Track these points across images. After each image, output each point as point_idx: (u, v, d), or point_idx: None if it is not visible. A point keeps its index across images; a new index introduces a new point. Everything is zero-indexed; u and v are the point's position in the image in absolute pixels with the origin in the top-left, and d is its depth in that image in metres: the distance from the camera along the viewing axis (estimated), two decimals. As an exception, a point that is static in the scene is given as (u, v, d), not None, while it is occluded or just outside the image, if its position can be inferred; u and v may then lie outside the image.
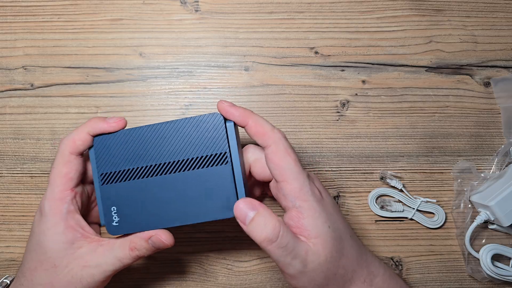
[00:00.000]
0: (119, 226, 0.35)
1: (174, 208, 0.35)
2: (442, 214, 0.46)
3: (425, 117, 0.47)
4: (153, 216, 0.35)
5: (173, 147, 0.35)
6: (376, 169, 0.46)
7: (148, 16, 0.47)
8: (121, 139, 0.35)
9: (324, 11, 0.48)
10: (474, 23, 0.48)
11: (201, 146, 0.35)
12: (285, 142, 0.34)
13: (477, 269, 0.44)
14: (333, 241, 0.33)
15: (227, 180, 0.34)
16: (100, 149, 0.35)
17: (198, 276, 0.45)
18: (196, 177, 0.35)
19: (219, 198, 0.34)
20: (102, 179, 0.35)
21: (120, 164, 0.35)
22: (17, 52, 0.46)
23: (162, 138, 0.35)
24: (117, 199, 0.35)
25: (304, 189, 0.33)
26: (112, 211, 0.35)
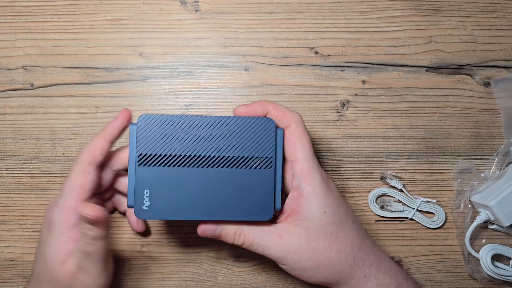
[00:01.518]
0: (149, 210, 0.34)
1: (209, 202, 0.34)
2: (442, 214, 0.46)
3: (425, 117, 0.47)
4: (185, 207, 0.34)
5: (218, 142, 0.34)
6: (376, 169, 0.46)
7: (148, 16, 0.47)
8: (167, 122, 0.34)
9: (324, 11, 0.48)
10: (474, 23, 0.48)
11: (248, 147, 0.35)
12: (303, 124, 0.36)
13: (477, 269, 0.44)
14: (324, 225, 0.34)
15: (268, 184, 0.35)
16: (143, 127, 0.34)
17: (198, 276, 0.45)
18: (238, 175, 0.34)
19: (257, 200, 0.34)
20: (140, 159, 0.34)
21: (161, 147, 0.34)
22: (17, 52, 0.46)
23: (209, 131, 0.34)
24: (152, 183, 0.34)
25: (312, 172, 0.35)
26: (144, 194, 0.34)
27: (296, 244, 0.34)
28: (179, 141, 0.34)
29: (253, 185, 0.34)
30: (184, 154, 0.34)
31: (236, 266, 0.45)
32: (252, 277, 0.45)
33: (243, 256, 0.45)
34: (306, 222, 0.34)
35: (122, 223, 0.45)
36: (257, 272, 0.45)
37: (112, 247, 0.45)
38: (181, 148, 0.34)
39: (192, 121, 0.34)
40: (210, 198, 0.34)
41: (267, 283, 0.45)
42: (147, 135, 0.34)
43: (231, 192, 0.34)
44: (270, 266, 0.45)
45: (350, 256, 0.35)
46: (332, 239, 0.35)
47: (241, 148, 0.34)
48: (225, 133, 0.34)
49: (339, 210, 0.35)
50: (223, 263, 0.45)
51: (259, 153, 0.35)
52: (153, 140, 0.34)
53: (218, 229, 0.35)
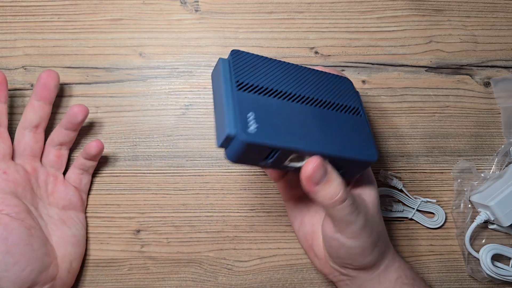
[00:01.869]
0: (257, 133, 0.28)
1: (315, 135, 0.31)
2: (442, 214, 0.46)
3: (425, 117, 0.47)
4: (294, 135, 0.30)
5: (310, 85, 0.34)
6: (376, 169, 0.46)
7: (148, 16, 0.47)
8: (259, 61, 0.33)
9: (324, 11, 0.48)
10: (474, 23, 0.48)
11: (337, 95, 0.35)
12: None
13: (477, 269, 0.44)
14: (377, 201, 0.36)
15: (363, 129, 0.34)
16: (236, 60, 0.32)
17: (198, 276, 0.45)
18: (335, 116, 0.33)
19: (359, 143, 0.32)
20: (238, 85, 0.30)
21: (258, 79, 0.32)
22: (17, 52, 0.46)
23: (300, 75, 0.34)
24: (256, 107, 0.30)
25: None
26: (248, 117, 0.29)
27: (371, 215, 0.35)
28: (273, 77, 0.33)
29: (351, 128, 0.33)
30: (280, 89, 0.32)
31: (236, 266, 0.45)
32: (252, 277, 0.45)
33: (243, 256, 0.45)
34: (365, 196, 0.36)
35: (122, 223, 0.45)
36: (257, 272, 0.45)
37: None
38: (277, 83, 0.32)
39: (281, 65, 0.34)
40: (315, 132, 0.31)
41: (267, 283, 0.45)
42: (241, 67, 0.32)
43: (332, 130, 0.32)
44: (270, 266, 0.45)
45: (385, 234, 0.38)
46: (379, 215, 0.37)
47: (332, 95, 0.34)
48: (313, 80, 0.34)
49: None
50: (223, 263, 0.45)
51: (347, 102, 0.35)
52: (248, 72, 0.32)
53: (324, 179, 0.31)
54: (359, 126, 0.34)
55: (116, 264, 0.44)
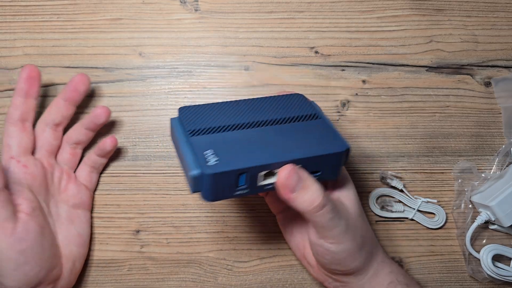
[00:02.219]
0: (218, 164, 0.29)
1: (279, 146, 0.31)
2: (442, 214, 0.46)
3: (426, 117, 0.47)
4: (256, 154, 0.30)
5: (262, 111, 0.34)
6: (376, 169, 0.46)
7: (147, 15, 0.47)
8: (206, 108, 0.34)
9: (324, 11, 0.48)
10: (474, 22, 0.48)
11: (290, 111, 0.35)
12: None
13: (477, 270, 0.44)
14: (357, 203, 0.37)
15: (325, 127, 0.34)
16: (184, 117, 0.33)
17: (198, 276, 0.45)
18: (293, 126, 0.34)
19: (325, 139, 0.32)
20: (191, 132, 0.32)
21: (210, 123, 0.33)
22: (16, 52, 0.46)
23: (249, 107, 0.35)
24: (211, 144, 0.31)
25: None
26: (206, 155, 0.30)
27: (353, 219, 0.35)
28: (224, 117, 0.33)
29: (313, 130, 0.33)
30: (232, 123, 0.33)
31: (236, 266, 0.45)
32: (252, 277, 0.45)
33: (243, 256, 0.45)
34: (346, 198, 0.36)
35: (121, 224, 0.45)
36: (257, 272, 0.45)
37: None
38: (228, 120, 0.33)
39: (230, 104, 0.35)
40: (279, 145, 0.31)
41: (267, 283, 0.45)
42: (191, 119, 0.33)
43: (296, 138, 0.32)
44: (270, 266, 0.45)
45: (372, 236, 0.38)
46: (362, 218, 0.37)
47: (283, 112, 0.35)
48: (264, 106, 0.35)
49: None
50: (223, 263, 0.45)
51: (302, 112, 0.35)
52: (199, 120, 0.33)
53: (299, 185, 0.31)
54: (321, 126, 0.34)
55: (115, 265, 0.44)
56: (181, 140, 0.32)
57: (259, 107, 0.35)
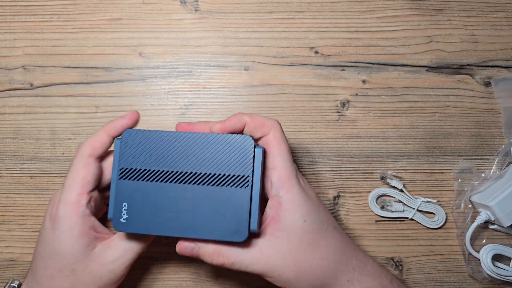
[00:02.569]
0: (126, 223, 0.34)
1: (185, 218, 0.34)
2: (442, 214, 0.46)
3: (426, 117, 0.47)
4: (162, 222, 0.34)
5: (197, 159, 0.34)
6: (376, 169, 0.46)
7: (147, 15, 0.47)
8: (149, 138, 0.35)
9: (324, 11, 0.48)
10: (474, 22, 0.48)
11: (226, 164, 0.34)
12: (282, 132, 0.35)
13: (477, 269, 0.44)
14: (305, 234, 0.34)
15: (243, 204, 0.34)
16: (126, 142, 0.35)
17: (198, 276, 0.45)
18: (215, 193, 0.34)
19: (232, 220, 0.34)
20: (121, 173, 0.35)
21: (142, 162, 0.35)
22: (16, 52, 0.46)
23: (189, 148, 0.35)
24: (131, 196, 0.35)
25: (290, 180, 0.34)
26: (122, 207, 0.34)
27: (279, 257, 0.34)
28: (159, 157, 0.35)
29: (228, 204, 0.34)
30: (162, 169, 0.35)
31: (236, 266, 0.45)
32: (252, 277, 0.45)
33: (243, 256, 0.45)
34: (287, 232, 0.34)
35: (121, 223, 0.45)
36: (257, 272, 0.45)
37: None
38: (161, 164, 0.35)
39: (173, 138, 0.35)
40: (186, 215, 0.34)
41: (267, 283, 0.45)
42: (129, 149, 0.35)
43: (207, 210, 0.34)
44: (270, 266, 0.45)
45: (332, 262, 0.35)
46: (314, 246, 0.34)
47: (218, 165, 0.34)
48: (204, 150, 0.35)
49: (318, 217, 0.35)
50: (223, 263, 0.45)
51: (236, 171, 0.34)
52: (135, 154, 0.35)
53: (195, 249, 0.35)
54: (239, 200, 0.34)
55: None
56: (114, 175, 0.35)
57: (199, 151, 0.35)
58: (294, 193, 0.34)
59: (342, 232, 0.37)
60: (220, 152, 0.34)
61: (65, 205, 0.35)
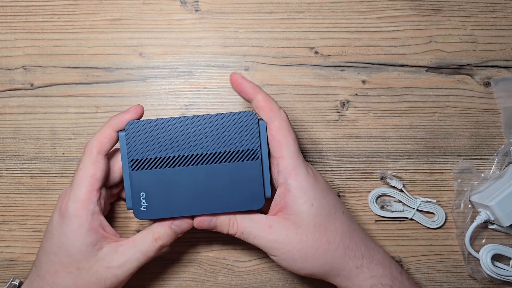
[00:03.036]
0: (147, 211, 0.36)
1: (203, 197, 0.36)
2: (442, 214, 0.46)
3: (425, 117, 0.47)
4: (181, 204, 0.36)
5: (205, 140, 0.36)
6: (376, 169, 0.46)
7: (148, 16, 0.47)
8: (153, 126, 0.36)
9: (324, 11, 0.48)
10: (474, 23, 0.48)
11: (233, 141, 0.36)
12: (289, 122, 0.36)
13: (477, 269, 0.44)
14: (312, 218, 0.35)
15: (256, 175, 0.36)
16: (131, 134, 0.36)
17: (198, 276, 0.45)
18: (227, 169, 0.36)
19: (247, 191, 0.36)
20: (132, 165, 0.36)
21: (151, 151, 0.36)
22: (17, 52, 0.46)
23: (195, 130, 0.36)
24: (146, 185, 0.36)
25: (297, 167, 0.35)
26: (140, 197, 0.36)
27: (285, 235, 0.35)
28: (167, 143, 0.36)
29: (242, 177, 0.36)
30: (173, 155, 0.36)
31: (236, 266, 0.45)
32: (252, 277, 0.45)
33: (243, 256, 0.45)
34: (294, 216, 0.35)
35: (122, 223, 0.45)
36: (257, 272, 0.45)
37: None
38: (170, 150, 0.36)
39: (176, 123, 0.36)
40: (203, 194, 0.36)
41: (267, 283, 0.45)
42: (136, 141, 0.36)
43: (222, 186, 0.36)
44: (270, 266, 0.45)
45: (340, 246, 0.35)
46: (321, 230, 0.35)
47: (226, 143, 0.36)
48: (209, 131, 0.36)
49: (326, 202, 0.36)
50: (223, 263, 0.45)
51: (244, 146, 0.36)
52: (142, 145, 0.36)
53: (213, 220, 0.37)
54: (252, 172, 0.36)
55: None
56: (125, 167, 0.36)
57: (205, 132, 0.36)
58: (301, 179, 0.35)
59: (352, 218, 0.37)
60: (227, 130, 0.36)
61: (75, 202, 0.35)
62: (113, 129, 0.36)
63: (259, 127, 0.36)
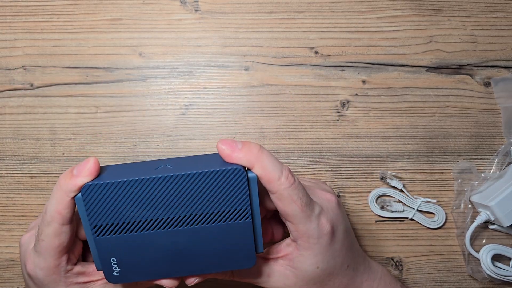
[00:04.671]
0: (120, 276, 0.31)
1: (184, 260, 0.31)
2: (442, 214, 0.46)
3: (425, 117, 0.47)
4: (159, 267, 0.31)
5: (184, 201, 0.30)
6: (376, 169, 0.46)
7: (147, 16, 0.47)
8: (116, 189, 0.29)
9: (324, 11, 0.48)
10: (474, 23, 0.48)
11: (219, 201, 0.30)
12: (291, 192, 0.32)
13: (477, 269, 0.44)
14: (314, 277, 0.34)
15: (247, 236, 0.31)
16: (90, 198, 0.29)
17: (198, 276, 0.45)
18: (211, 231, 0.31)
19: (237, 251, 0.31)
20: (96, 231, 0.30)
21: (117, 216, 0.29)
22: (16, 52, 0.46)
23: (170, 191, 0.29)
24: (117, 251, 0.30)
25: (308, 232, 0.33)
26: (111, 262, 0.31)
27: (283, 283, 0.35)
28: (135, 207, 0.29)
29: (230, 238, 0.31)
30: (144, 219, 0.30)
31: (236, 266, 0.45)
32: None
33: (243, 256, 0.45)
34: (296, 271, 0.34)
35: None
36: (257, 272, 0.45)
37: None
38: (140, 213, 0.29)
39: (144, 184, 0.29)
40: (186, 256, 0.31)
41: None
42: (96, 205, 0.29)
43: (207, 248, 0.31)
44: (270, 266, 0.45)
45: None
46: (319, 285, 0.35)
47: (210, 204, 0.30)
48: (187, 191, 0.29)
49: (334, 263, 0.34)
50: (223, 263, 0.45)
51: (231, 207, 0.30)
52: (105, 209, 0.29)
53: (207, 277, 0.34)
54: (241, 232, 0.31)
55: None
56: (88, 233, 0.31)
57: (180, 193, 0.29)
58: (312, 243, 0.33)
59: (355, 267, 0.36)
60: (209, 190, 0.30)
61: (42, 271, 0.32)
62: (68, 196, 0.30)
63: (248, 183, 0.30)
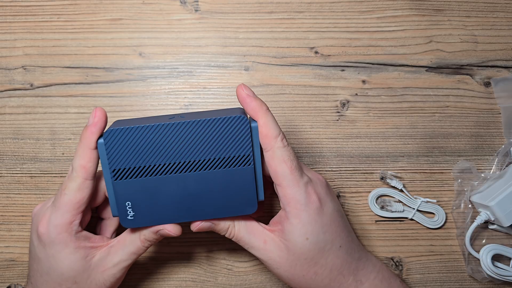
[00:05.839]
0: (134, 220, 0.34)
1: (193, 204, 0.34)
2: (442, 214, 0.46)
3: (425, 117, 0.47)
4: (170, 211, 0.34)
5: (193, 146, 0.33)
6: (376, 169, 0.46)
7: (147, 16, 0.47)
8: (135, 134, 0.33)
9: (324, 11, 0.48)
10: (474, 23, 0.48)
11: (224, 147, 0.34)
12: (284, 152, 0.34)
13: (477, 269, 0.44)
14: (304, 251, 0.35)
15: (249, 181, 0.34)
16: (111, 143, 0.33)
17: (198, 276, 0.45)
18: (218, 176, 0.34)
19: (240, 196, 0.35)
20: (115, 175, 0.33)
21: (134, 160, 0.33)
22: (16, 52, 0.46)
23: (181, 137, 0.33)
24: (132, 194, 0.34)
25: (296, 196, 0.34)
26: (126, 206, 0.34)
27: (277, 255, 0.35)
28: (151, 151, 0.33)
29: (234, 183, 0.34)
30: (158, 163, 0.33)
31: (236, 266, 0.45)
32: (252, 277, 0.45)
33: (243, 256, 0.45)
34: (288, 243, 0.35)
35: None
36: (257, 272, 0.45)
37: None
38: (155, 158, 0.33)
39: (161, 129, 0.33)
40: (193, 201, 0.34)
41: (267, 283, 0.45)
42: (116, 149, 0.33)
43: (213, 192, 0.34)
44: (270, 266, 0.45)
45: (326, 279, 0.35)
46: (311, 263, 0.35)
47: (216, 149, 0.34)
48: (197, 137, 0.33)
49: (324, 237, 0.35)
50: (223, 263, 0.45)
51: (235, 152, 0.34)
52: (124, 153, 0.33)
53: (212, 226, 0.36)
54: (244, 178, 0.34)
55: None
56: (107, 177, 0.34)
57: (191, 139, 0.33)
58: (300, 210, 0.34)
59: (349, 250, 0.36)
60: (216, 136, 0.33)
61: (56, 227, 0.34)
62: (90, 148, 0.34)
63: (251, 131, 0.34)
